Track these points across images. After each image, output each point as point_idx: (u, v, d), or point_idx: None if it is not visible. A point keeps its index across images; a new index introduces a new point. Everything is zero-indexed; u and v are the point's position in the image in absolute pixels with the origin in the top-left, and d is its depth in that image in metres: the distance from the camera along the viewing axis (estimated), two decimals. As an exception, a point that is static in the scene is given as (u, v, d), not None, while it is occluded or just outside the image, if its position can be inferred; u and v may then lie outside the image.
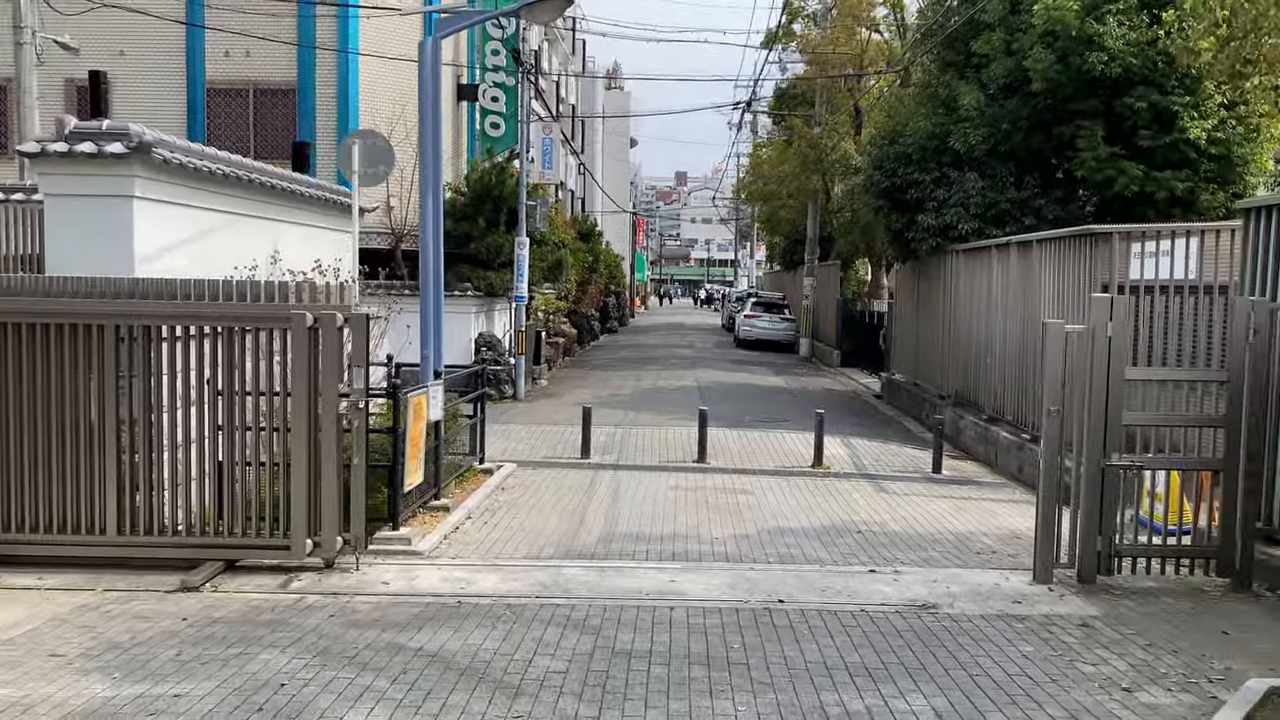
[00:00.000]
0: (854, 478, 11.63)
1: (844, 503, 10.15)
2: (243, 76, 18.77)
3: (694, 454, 12.39)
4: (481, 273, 18.43)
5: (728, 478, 11.30)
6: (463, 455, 10.86)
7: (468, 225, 18.30)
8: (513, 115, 20.92)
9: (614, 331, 39.40)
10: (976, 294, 14.90)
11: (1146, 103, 14.17)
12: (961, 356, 15.51)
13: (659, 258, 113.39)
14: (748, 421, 15.69)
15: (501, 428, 14.35)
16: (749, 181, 41.88)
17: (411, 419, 8.07)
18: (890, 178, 16.90)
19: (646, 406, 17.26)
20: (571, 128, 41.51)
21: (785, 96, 30.50)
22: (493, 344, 18.19)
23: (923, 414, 17.28)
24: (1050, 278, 12.02)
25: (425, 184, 9.83)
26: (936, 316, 16.99)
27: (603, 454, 12.55)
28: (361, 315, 7.22)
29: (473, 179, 18.64)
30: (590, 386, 20.41)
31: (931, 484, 11.55)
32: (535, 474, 11.21)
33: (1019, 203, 15.77)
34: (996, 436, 13.19)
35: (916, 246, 16.68)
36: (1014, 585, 7.11)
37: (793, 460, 12.53)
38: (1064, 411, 7.13)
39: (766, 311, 32.42)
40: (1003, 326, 13.57)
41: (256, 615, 6.14)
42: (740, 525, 8.96)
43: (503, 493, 10.13)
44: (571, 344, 27.73)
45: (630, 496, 10.12)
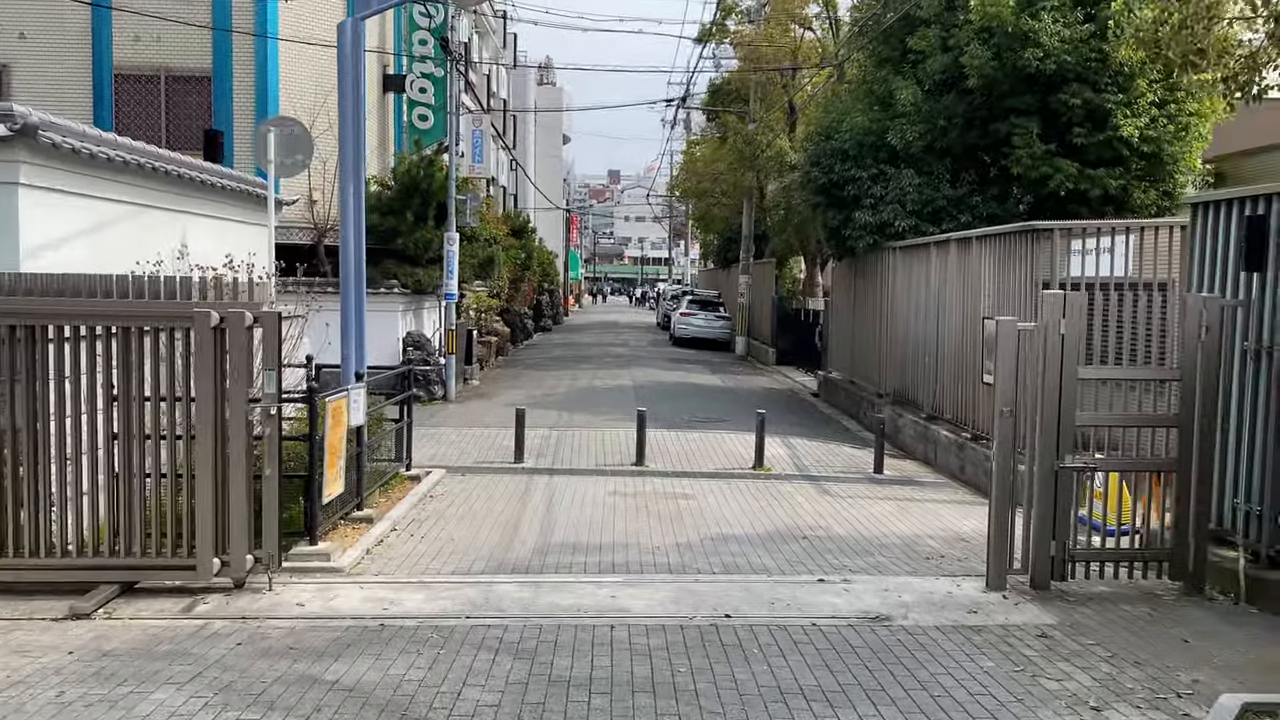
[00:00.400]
0: (796, 479, 11.35)
1: (787, 506, 9.84)
2: (154, 62, 17.79)
3: (632, 457, 11.99)
4: (409, 269, 17.78)
5: (668, 481, 10.93)
6: (388, 462, 10.29)
7: (394, 220, 17.63)
8: (441, 107, 20.26)
9: (548, 330, 38.84)
10: (915, 292, 14.76)
11: (1081, 100, 14.18)
12: (899, 355, 15.38)
13: (593, 256, 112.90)
14: (686, 422, 15.34)
15: (431, 431, 13.77)
16: (683, 179, 41.65)
17: (330, 425, 7.51)
18: (827, 174, 16.71)
19: (582, 407, 16.81)
20: (503, 123, 40.77)
21: (720, 93, 30.28)
22: (421, 344, 17.56)
23: (860, 412, 17.15)
24: (991, 274, 11.90)
25: (345, 173, 9.24)
26: (874, 314, 16.86)
27: (537, 458, 12.07)
28: (273, 313, 6.65)
29: (399, 172, 17.97)
30: (524, 386, 19.88)
31: (874, 485, 11.33)
32: (466, 480, 10.69)
33: (955, 200, 15.70)
34: (936, 435, 13.05)
35: (854, 244, 16.52)
36: (967, 593, 6.84)
37: (733, 462, 12.20)
38: (1016, 412, 6.89)
39: (702, 309, 32.19)
40: (942, 324, 13.44)
41: (154, 646, 5.55)
42: (682, 532, 8.58)
43: (431, 501, 9.60)
44: (504, 343, 27.14)
45: (567, 503, 9.67)
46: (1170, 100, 14.55)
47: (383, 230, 17.82)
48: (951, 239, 13.28)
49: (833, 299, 20.55)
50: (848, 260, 18.50)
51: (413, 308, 18.68)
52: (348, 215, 9.26)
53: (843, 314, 19.40)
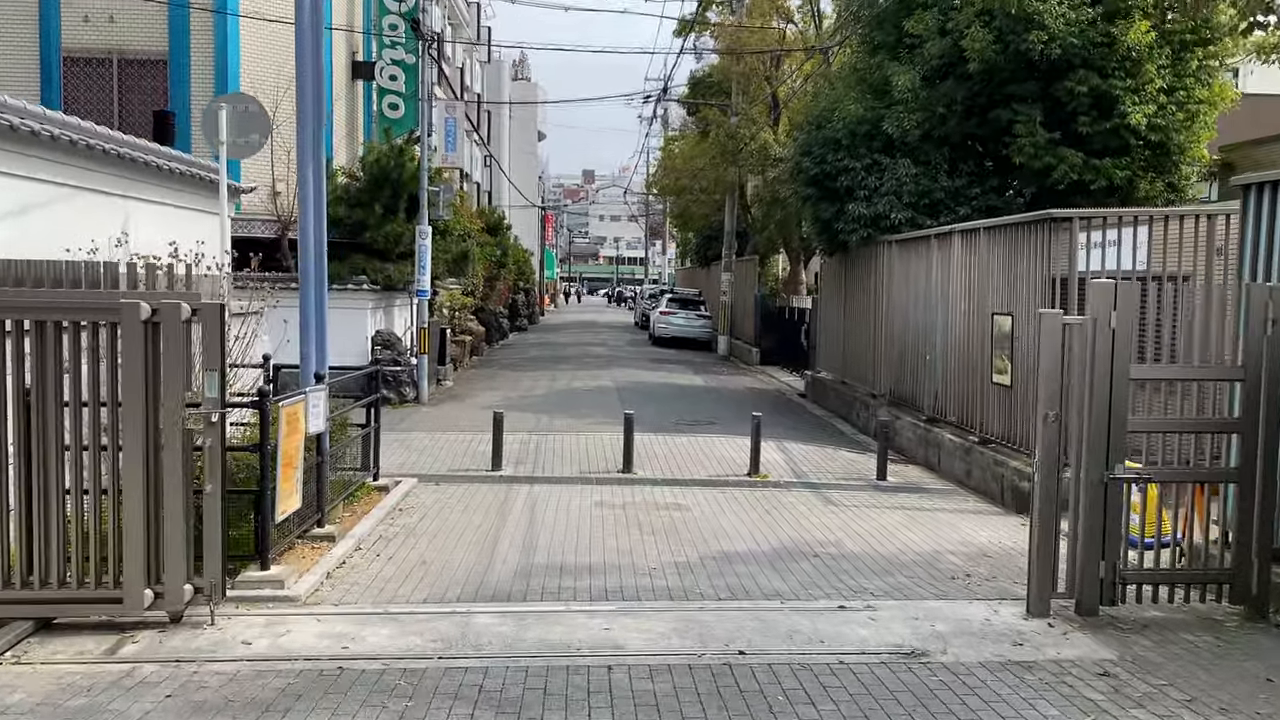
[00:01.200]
0: (795, 487, 10.56)
1: (791, 518, 9.04)
2: (105, 44, 16.76)
3: (619, 463, 11.15)
4: (379, 264, 16.84)
5: (658, 490, 10.10)
6: (354, 471, 9.39)
7: (363, 212, 16.69)
8: (413, 95, 19.34)
9: (523, 330, 37.92)
10: (913, 287, 14.03)
11: (1087, 86, 13.50)
12: (897, 353, 14.65)
13: (568, 255, 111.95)
14: (674, 425, 14.53)
15: (401, 436, 12.86)
16: (661, 176, 40.91)
17: (285, 433, 6.62)
18: (819, 164, 15.95)
19: (562, 410, 15.95)
20: (477, 118, 39.81)
21: (701, 86, 29.49)
22: (391, 343, 16.63)
23: (853, 414, 16.42)
24: (1000, 267, 11.17)
25: (304, 151, 8.34)
26: (867, 311, 16.12)
27: (516, 465, 11.21)
28: (215, 306, 5.75)
29: (368, 161, 17.03)
30: (500, 388, 18.99)
31: (878, 493, 10.56)
32: (439, 491, 9.80)
33: (953, 191, 15.00)
34: (939, 439, 12.32)
35: (847, 237, 15.77)
36: (1007, 621, 6.07)
37: (726, 468, 11.40)
38: (1063, 416, 6.13)
39: (682, 308, 31.38)
40: (945, 321, 12.71)
41: (64, 699, 4.65)
42: (680, 549, 7.75)
43: (400, 515, 8.71)
44: (479, 342, 26.21)
45: (550, 516, 8.82)
46: (1179, 87, 13.92)
47: (350, 223, 16.90)
48: (955, 231, 12.55)
49: (821, 296, 19.82)
50: (839, 256, 17.77)
51: (382, 305, 17.74)
52: (307, 199, 8.37)
53: (832, 312, 18.66)
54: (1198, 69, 14.08)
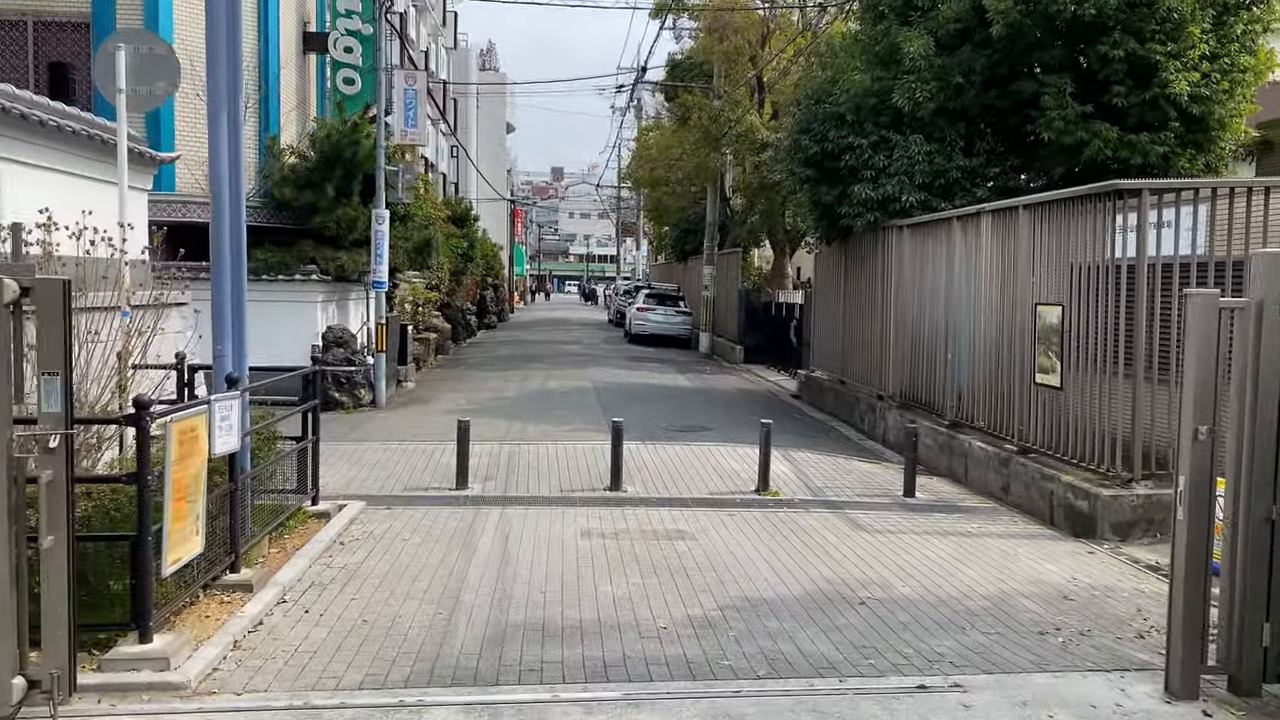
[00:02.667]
0: (813, 507, 9.01)
1: (818, 548, 7.48)
2: (18, 5, 14.86)
3: (605, 479, 9.55)
4: (330, 253, 15.11)
5: (655, 513, 8.51)
6: (286, 494, 7.72)
7: (313, 194, 14.94)
8: (370, 70, 17.58)
9: (493, 327, 36.18)
10: (931, 277, 12.55)
11: (1123, 52, 12.05)
12: (909, 351, 13.16)
13: (538, 253, 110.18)
14: (664, 431, 12.94)
15: (352, 447, 11.18)
16: (635, 168, 39.34)
17: (176, 456, 4.96)
18: (820, 143, 14.42)
19: (537, 414, 14.31)
20: (443, 105, 37.99)
21: (679, 69, 27.91)
22: (344, 340, 14.90)
23: (855, 417, 14.93)
24: (1046, 251, 9.69)
25: (216, 114, 6.63)
26: (873, 304, 14.63)
27: (485, 482, 9.57)
28: (54, 283, 4.07)
29: (319, 138, 15.28)
30: (467, 390, 17.31)
31: (909, 513, 9.04)
32: (392, 516, 8.15)
33: (969, 171, 13.54)
34: (965, 447, 10.83)
35: (851, 223, 14.24)
36: (1145, 706, 4.54)
37: (730, 482, 9.83)
38: (1216, 431, 4.60)
39: (660, 304, 29.78)
40: (972, 314, 11.24)
41: None
42: (693, 597, 6.17)
43: (342, 551, 7.05)
44: (445, 340, 24.49)
45: (527, 551, 7.19)
46: (1222, 54, 12.52)
47: (299, 206, 15.15)
48: (986, 211, 11.06)
49: (816, 289, 18.32)
50: (837, 244, 16.27)
51: (335, 298, 16.00)
52: (220, 170, 6.66)
53: (830, 305, 17.16)
54: (1242, 34, 12.70)
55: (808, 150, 14.60)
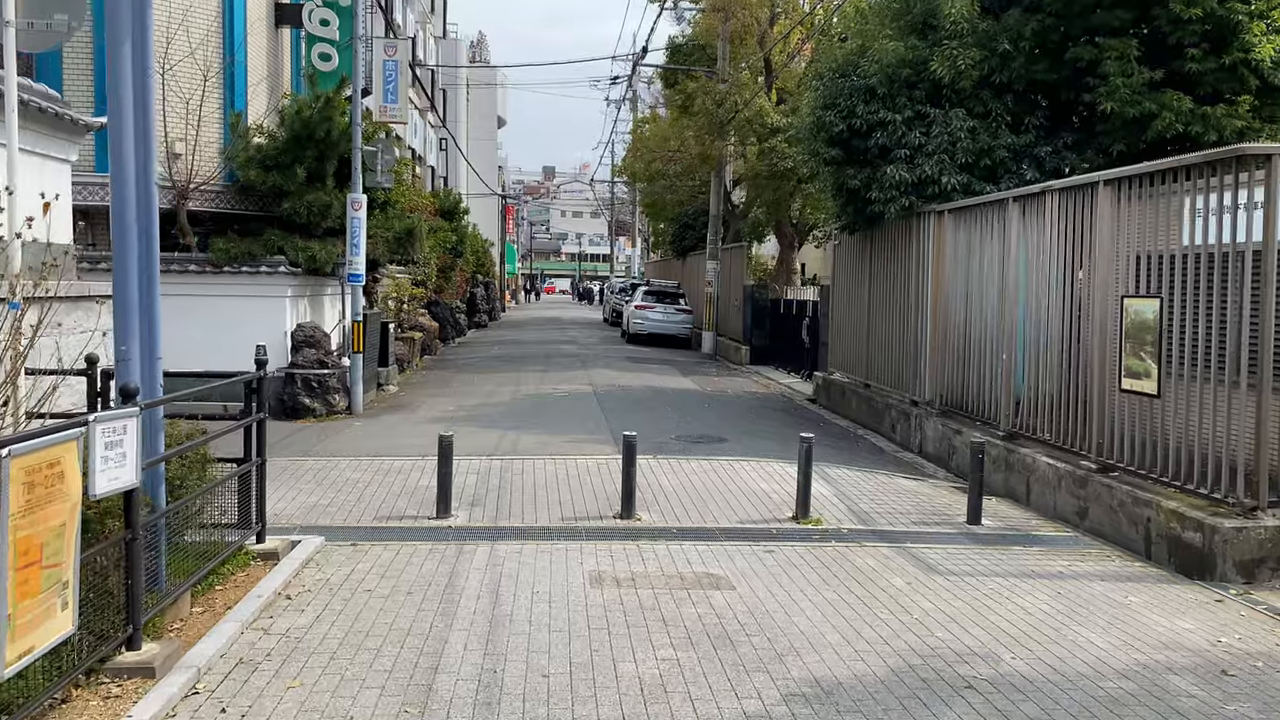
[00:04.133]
0: (865, 539, 7.52)
1: (889, 600, 5.99)
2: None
3: (614, 503, 8.05)
4: (301, 242, 13.55)
5: (678, 549, 7.00)
6: (227, 527, 6.19)
7: (281, 177, 13.37)
8: (348, 45, 16.02)
9: (483, 326, 34.63)
10: (979, 267, 11.08)
11: (1201, 10, 10.61)
12: (951, 351, 11.70)
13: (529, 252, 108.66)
14: (675, 442, 11.43)
15: (318, 463, 9.65)
16: (631, 162, 37.85)
17: (19, 507, 3.44)
18: (846, 119, 12.92)
19: (532, 422, 12.79)
20: (431, 97, 36.45)
21: (681, 53, 26.39)
22: (316, 340, 13.34)
23: (884, 425, 13.46)
24: (1137, 236, 8.21)
25: (118, 28, 5.09)
26: (904, 300, 13.16)
27: (471, 508, 8.05)
28: None
29: (288, 113, 13.72)
30: (455, 394, 15.77)
31: (981, 546, 7.55)
32: (356, 557, 6.63)
33: (1017, 150, 12.09)
34: (1028, 462, 9.37)
35: (882, 209, 12.74)
36: None
37: (761, 507, 8.33)
38: None
39: (660, 302, 28.25)
40: (1035, 311, 9.77)
41: None
42: (742, 679, 4.66)
43: (287, 610, 5.52)
44: (432, 340, 22.95)
45: (523, 608, 5.67)
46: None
47: (265, 190, 13.60)
48: (1052, 190, 9.57)
49: (835, 284, 16.84)
50: (862, 235, 14.79)
51: (307, 294, 14.44)
52: (122, 109, 5.12)
53: (851, 301, 15.67)
54: None
55: (833, 128, 13.10)
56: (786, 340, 21.82)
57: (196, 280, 13.01)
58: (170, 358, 5.51)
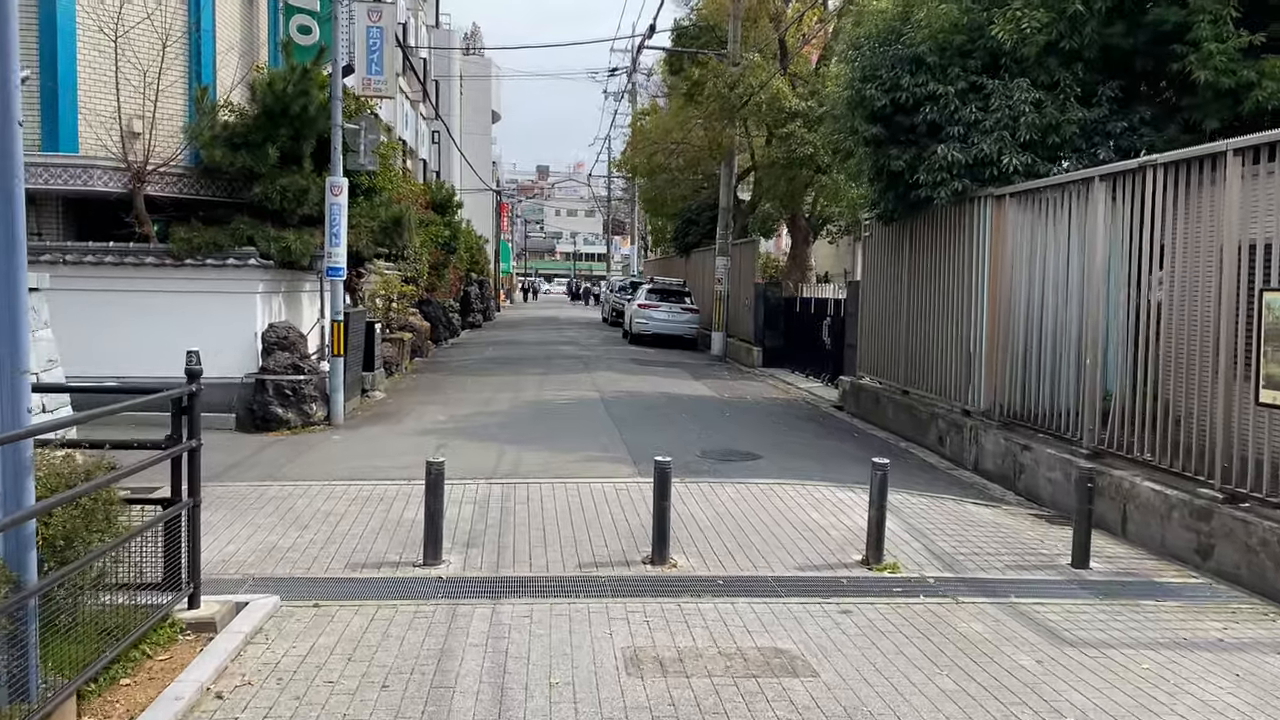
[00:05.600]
0: (960, 591, 6.04)
1: (1023, 690, 4.51)
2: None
3: (639, 540, 6.56)
4: (274, 232, 12.02)
5: (729, 610, 5.50)
6: (145, 590, 4.67)
7: (250, 157, 11.84)
8: (329, 17, 14.48)
9: (478, 326, 33.10)
10: (1053, 258, 9.62)
11: (1311, -38, 9.17)
12: (1015, 354, 10.24)
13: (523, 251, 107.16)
14: (700, 460, 9.93)
15: (285, 489, 8.13)
16: (631, 155, 36.37)
17: None
18: (890, 92, 11.45)
19: (535, 435, 11.28)
20: (424, 87, 34.91)
21: (687, 36, 24.90)
22: (290, 341, 11.81)
23: (930, 437, 11.99)
24: (1275, 217, 6.75)
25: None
26: (953, 296, 11.69)
27: (467, 549, 6.55)
28: None
29: (260, 86, 12.18)
30: (448, 401, 14.26)
31: (1104, 600, 6.07)
32: (317, 626, 5.11)
33: (1088, 126, 10.63)
34: (1125, 487, 7.90)
35: (930, 193, 11.27)
36: None
37: (817, 545, 6.85)
38: None
39: (665, 301, 26.73)
40: (1129, 308, 8.31)
41: None
42: None
43: (218, 711, 4.01)
44: (423, 341, 21.43)
45: (540, 709, 4.17)
46: None
47: (233, 173, 12.08)
48: (1155, 165, 8.09)
49: (865, 280, 15.35)
50: (899, 225, 13.32)
51: (282, 289, 12.90)
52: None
53: (885, 299, 14.20)
54: None
55: (873, 103, 11.61)
56: (803, 342, 20.38)
57: (154, 274, 11.48)
58: (120, 364, 4.18)
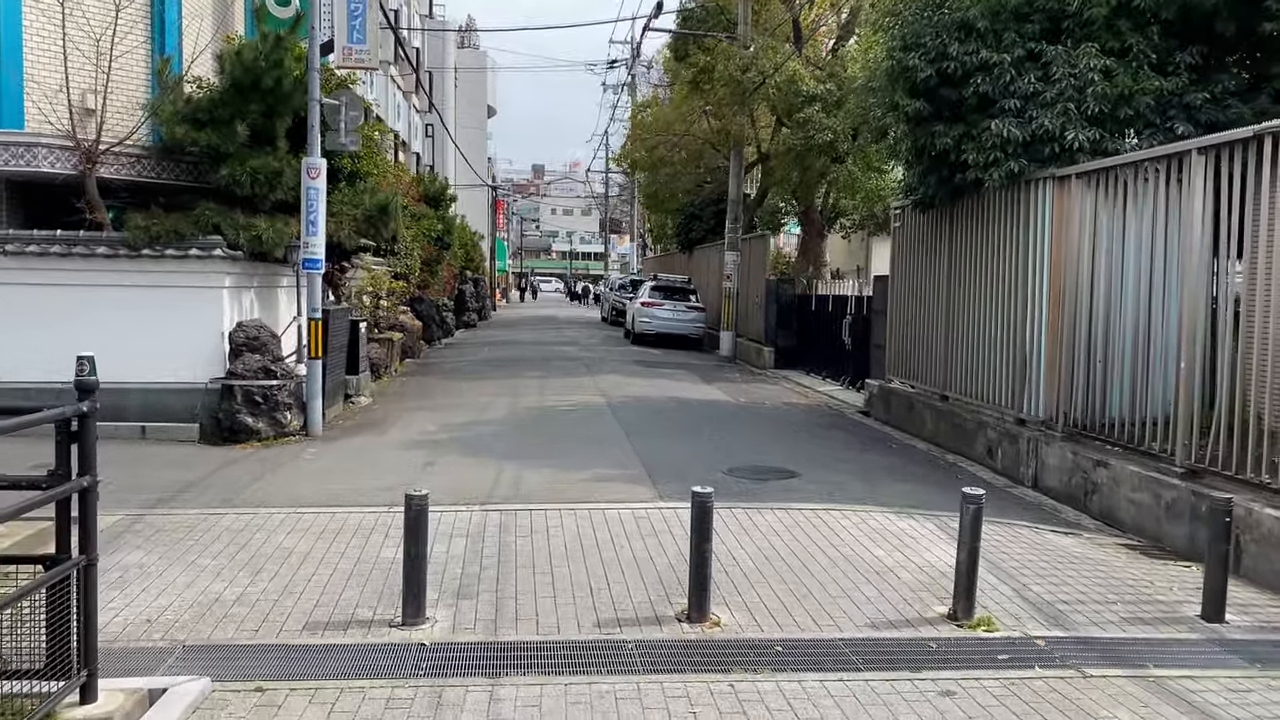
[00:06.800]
0: (1081, 658, 4.77)
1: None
2: None
3: (672, 586, 5.29)
4: (244, 219, 10.71)
5: (796, 691, 4.23)
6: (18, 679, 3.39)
7: (216, 135, 10.53)
8: (311, -14, 13.17)
9: (473, 325, 31.78)
10: (1134, 245, 8.37)
11: None
12: (1082, 356, 9.00)
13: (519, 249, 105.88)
14: (728, 478, 8.63)
15: (240, 520, 6.83)
16: (631, 150, 35.14)
17: None
18: (935, 62, 10.19)
19: (536, 448, 10.00)
20: (416, 78, 33.60)
21: (693, 20, 23.60)
22: (261, 342, 10.50)
23: (977, 448, 10.73)
24: None
25: None
26: (1005, 290, 10.43)
27: (457, 601, 5.26)
28: None
29: (228, 55, 10.87)
30: (440, 407, 12.97)
31: (1264, 670, 4.81)
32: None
33: (1164, 97, 9.38)
34: (1241, 515, 6.63)
35: (979, 175, 10.02)
36: None
37: (887, 591, 5.58)
38: None
39: (669, 298, 25.42)
40: (1246, 303, 7.06)
41: None
42: None
43: None
44: (415, 341, 20.15)
45: None
46: None
47: (198, 152, 10.77)
48: (1274, 133, 6.83)
49: (897, 274, 14.07)
50: (936, 213, 12.07)
51: (253, 285, 11.59)
52: None
53: (919, 294, 12.93)
54: None
55: (916, 74, 10.35)
56: (819, 341, 19.12)
57: (106, 266, 10.18)
58: (65, 368, 3.46)
